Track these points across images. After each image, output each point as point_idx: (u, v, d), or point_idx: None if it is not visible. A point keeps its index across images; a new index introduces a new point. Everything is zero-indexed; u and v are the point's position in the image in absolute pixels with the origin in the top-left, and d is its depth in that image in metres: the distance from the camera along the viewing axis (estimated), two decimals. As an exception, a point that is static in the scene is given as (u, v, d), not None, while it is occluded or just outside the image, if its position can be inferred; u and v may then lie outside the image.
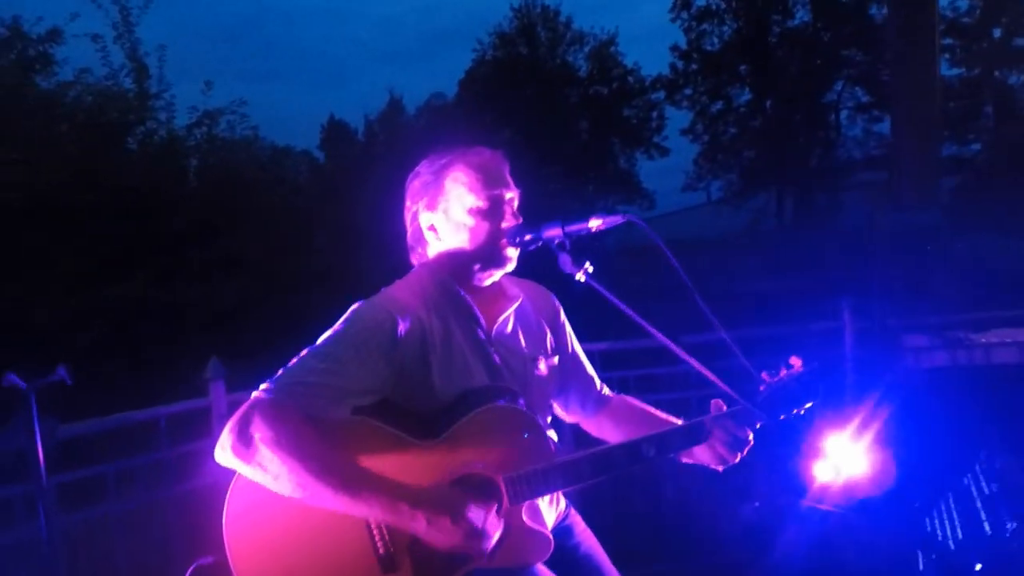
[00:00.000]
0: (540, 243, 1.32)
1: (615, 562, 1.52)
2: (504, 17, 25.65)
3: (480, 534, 1.21)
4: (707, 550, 2.85)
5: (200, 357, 2.38)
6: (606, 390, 1.64)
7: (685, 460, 1.44)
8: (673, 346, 1.24)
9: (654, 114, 26.25)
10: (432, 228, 1.39)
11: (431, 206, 1.38)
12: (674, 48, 24.40)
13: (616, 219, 1.25)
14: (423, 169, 1.41)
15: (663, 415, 1.51)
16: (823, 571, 2.30)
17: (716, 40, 24.27)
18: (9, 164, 5.85)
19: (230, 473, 1.21)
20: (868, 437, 2.36)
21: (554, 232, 1.29)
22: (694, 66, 24.52)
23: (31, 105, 6.81)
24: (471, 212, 1.35)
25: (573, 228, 1.28)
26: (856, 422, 2.37)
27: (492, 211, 1.36)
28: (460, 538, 1.19)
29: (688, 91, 24.78)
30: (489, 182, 1.36)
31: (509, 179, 1.40)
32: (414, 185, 1.41)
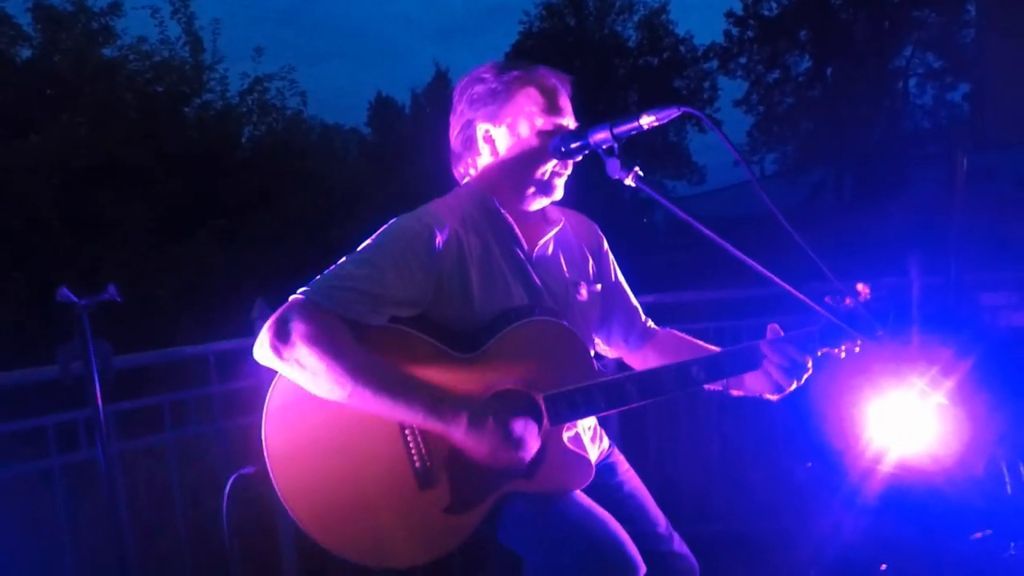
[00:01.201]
0: (588, 150, 1.25)
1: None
2: (552, -13, 25.07)
3: (518, 443, 1.17)
4: (755, 514, 2.75)
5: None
6: (651, 323, 1.57)
7: (735, 392, 1.36)
8: (750, 261, 1.14)
9: (706, 85, 25.35)
10: (489, 139, 1.34)
11: (494, 118, 1.32)
12: (729, 14, 23.34)
13: (671, 112, 1.15)
14: (489, 76, 1.33)
15: (713, 347, 1.44)
16: (882, 540, 2.17)
17: (774, 5, 23.06)
18: (75, 126, 6.17)
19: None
20: (937, 400, 2.18)
21: (602, 136, 1.21)
22: (750, 33, 23.40)
23: (94, 72, 7.11)
24: (538, 134, 1.31)
25: (623, 129, 1.19)
26: (926, 379, 2.20)
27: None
28: (498, 444, 1.16)
29: (743, 60, 23.74)
30: (556, 109, 1.32)
31: (571, 109, 1.36)
32: (476, 90, 1.33)
